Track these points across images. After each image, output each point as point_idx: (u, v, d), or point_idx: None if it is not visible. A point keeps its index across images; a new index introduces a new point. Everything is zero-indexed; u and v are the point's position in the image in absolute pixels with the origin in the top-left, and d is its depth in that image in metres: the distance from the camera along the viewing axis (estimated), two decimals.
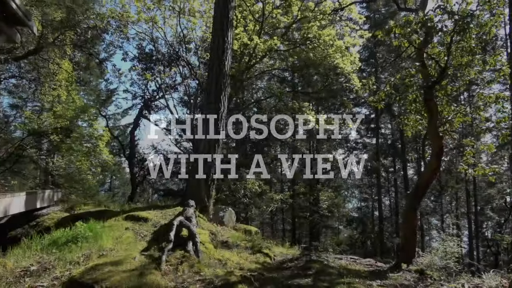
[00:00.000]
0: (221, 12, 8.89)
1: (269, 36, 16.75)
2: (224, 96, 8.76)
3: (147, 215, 8.01)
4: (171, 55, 20.95)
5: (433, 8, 6.62)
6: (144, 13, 17.42)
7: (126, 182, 36.40)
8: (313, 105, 25.96)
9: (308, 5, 15.20)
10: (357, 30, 15.57)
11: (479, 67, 7.44)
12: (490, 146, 8.34)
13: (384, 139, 30.36)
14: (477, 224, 27.03)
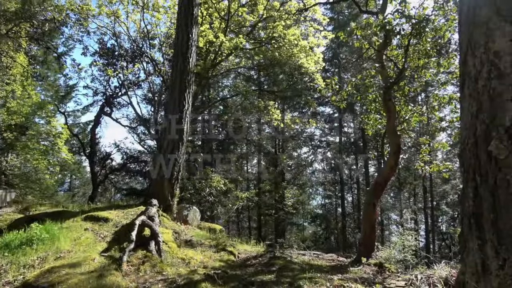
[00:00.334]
0: (185, 8, 8.76)
1: (235, 34, 16.72)
2: (188, 94, 8.65)
3: (108, 215, 7.77)
4: (134, 51, 20.40)
5: (392, 12, 6.88)
6: (106, 7, 16.85)
7: (87, 182, 35.15)
8: (279, 104, 26.22)
9: (274, 4, 15.33)
10: (321, 31, 15.89)
11: (434, 70, 7.80)
12: (444, 145, 8.80)
13: (347, 137, 31.20)
14: (433, 219, 28.42)
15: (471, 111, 2.90)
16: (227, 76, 25.59)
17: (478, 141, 2.77)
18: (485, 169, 2.69)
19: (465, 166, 2.95)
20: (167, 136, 8.79)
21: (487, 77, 2.76)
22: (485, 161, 2.68)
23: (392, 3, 7.48)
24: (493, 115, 2.66)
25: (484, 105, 2.75)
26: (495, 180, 2.58)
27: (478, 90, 2.85)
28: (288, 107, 28.86)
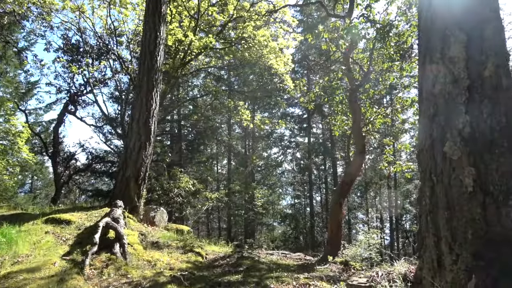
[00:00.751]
0: (153, 6, 8.61)
1: (205, 34, 16.58)
2: (156, 93, 8.49)
3: (71, 217, 7.49)
4: (100, 48, 19.79)
5: (358, 16, 7.07)
6: (70, 1, 16.24)
7: (50, 183, 33.74)
8: (249, 104, 26.28)
9: (244, 5, 15.33)
10: (291, 33, 16.07)
11: (397, 73, 8.08)
12: (407, 146, 9.13)
13: (316, 138, 31.71)
14: (397, 217, 29.41)
15: (428, 114, 3.03)
16: (197, 75, 25.33)
17: (434, 143, 2.91)
18: (440, 169, 2.82)
19: (422, 167, 3.08)
20: (133, 136, 8.59)
21: (443, 81, 2.89)
22: (441, 162, 2.81)
23: (358, 7, 7.68)
24: (448, 118, 2.79)
25: (440, 109, 2.89)
26: (449, 180, 2.72)
27: (435, 94, 2.98)
28: (258, 107, 28.98)
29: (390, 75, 8.12)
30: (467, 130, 2.66)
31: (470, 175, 2.58)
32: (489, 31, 2.83)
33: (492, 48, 2.76)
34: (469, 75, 2.74)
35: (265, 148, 32.35)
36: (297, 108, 30.41)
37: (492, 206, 2.49)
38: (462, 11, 2.91)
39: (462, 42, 2.82)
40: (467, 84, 2.72)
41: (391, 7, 7.81)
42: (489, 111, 2.62)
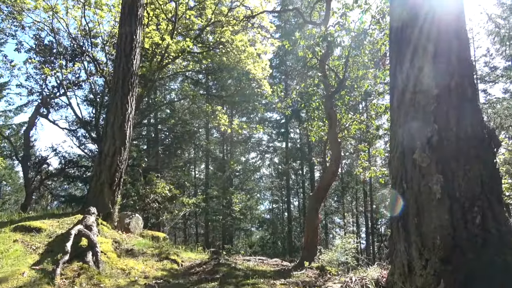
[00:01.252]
0: (129, 8, 8.49)
1: (182, 37, 16.46)
2: (131, 97, 8.35)
3: (41, 225, 7.23)
4: (74, 49, 19.31)
5: (333, 24, 7.19)
6: (43, 1, 15.80)
7: (20, 188, 32.51)
8: (227, 109, 26.24)
9: (222, 9, 15.34)
10: (269, 38, 16.17)
11: (372, 80, 8.27)
12: (381, 151, 9.33)
13: (293, 143, 31.95)
14: (372, 222, 29.94)
15: (399, 122, 3.11)
16: (175, 79, 25.12)
17: (405, 150, 2.99)
18: (410, 176, 2.89)
19: (393, 173, 3.16)
20: (108, 140, 8.40)
21: (412, 90, 2.98)
22: (411, 169, 2.89)
23: (334, 15, 7.82)
24: (418, 126, 2.88)
25: (410, 117, 2.97)
26: (419, 187, 2.79)
27: (405, 103, 3.07)
28: (236, 112, 28.98)
29: (364, 82, 8.29)
30: (435, 138, 2.74)
31: (438, 182, 2.66)
32: (455, 43, 2.94)
33: (458, 60, 2.86)
34: (437, 85, 2.83)
35: (243, 153, 32.34)
36: (275, 113, 30.60)
37: (459, 212, 2.58)
38: (430, 24, 3.01)
39: (430, 53, 2.91)
40: (435, 94, 2.81)
41: (365, 15, 7.99)
42: (456, 120, 2.71)
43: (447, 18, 2.99)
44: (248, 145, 31.33)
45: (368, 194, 29.30)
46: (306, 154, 29.04)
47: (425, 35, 3.02)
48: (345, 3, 7.52)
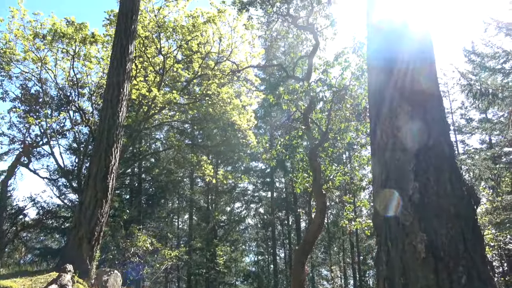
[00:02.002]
0: (118, 62, 8.70)
1: (169, 88, 16.81)
2: (116, 149, 8.30)
3: (12, 284, 6.78)
4: (61, 99, 19.44)
5: (315, 80, 7.50)
6: (33, 53, 16.11)
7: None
8: (212, 158, 26.24)
9: (209, 63, 15.89)
10: (254, 91, 16.66)
11: (353, 133, 8.48)
12: (365, 203, 9.34)
13: (279, 193, 31.78)
14: (360, 274, 29.20)
15: (381, 179, 3.15)
16: (160, 128, 25.24)
17: (388, 207, 2.99)
18: (394, 234, 2.87)
19: (378, 231, 3.14)
20: (89, 192, 8.19)
21: (392, 148, 3.06)
22: (394, 227, 2.88)
23: (316, 71, 8.16)
24: (399, 183, 2.92)
25: (391, 174, 3.02)
26: (404, 245, 2.77)
27: (386, 159, 3.13)
28: (221, 161, 28.96)
29: (347, 135, 8.50)
30: (416, 196, 2.77)
31: (422, 241, 2.65)
32: (430, 102, 3.08)
33: (434, 119, 2.99)
34: (415, 143, 2.91)
35: (228, 203, 31.88)
36: (260, 162, 30.71)
37: (444, 272, 2.54)
38: (406, 84, 3.17)
39: (408, 113, 3.03)
40: (414, 152, 2.89)
41: (346, 72, 8.37)
42: (435, 178, 2.77)
43: (421, 78, 3.16)
44: (233, 195, 30.98)
45: (355, 245, 28.85)
46: (292, 204, 28.82)
47: (401, 96, 3.16)
48: (326, 60, 7.90)
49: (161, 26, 14.78)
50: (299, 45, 15.14)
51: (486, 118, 25.00)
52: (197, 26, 14.78)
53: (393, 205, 2.93)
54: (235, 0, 13.10)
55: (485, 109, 17.92)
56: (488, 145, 25.04)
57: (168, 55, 15.58)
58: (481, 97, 10.23)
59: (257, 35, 16.29)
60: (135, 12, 8.65)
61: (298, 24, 11.79)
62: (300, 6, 11.94)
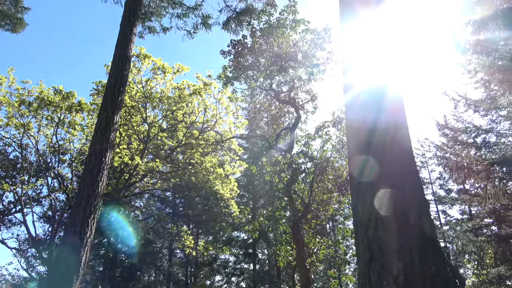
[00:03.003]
0: (102, 132, 8.73)
1: (153, 156, 16.79)
2: (92, 220, 7.96)
3: None
4: (40, 165, 19.07)
5: (297, 152, 7.66)
6: (16, 119, 16.13)
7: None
8: (193, 227, 25.45)
9: (193, 132, 16.14)
10: (237, 160, 16.79)
11: (336, 205, 8.48)
12: (350, 278, 9.03)
13: (261, 265, 30.51)
14: None
15: (365, 258, 3.08)
16: (141, 196, 24.69)
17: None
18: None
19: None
20: (59, 267, 7.67)
21: (374, 227, 3.05)
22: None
23: (298, 144, 8.37)
24: (383, 264, 2.85)
25: (375, 254, 2.96)
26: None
27: (369, 237, 3.10)
28: (202, 231, 28.07)
29: (330, 207, 8.48)
30: (401, 278, 2.71)
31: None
32: (408, 180, 3.16)
33: (413, 198, 3.04)
34: (397, 221, 2.92)
35: (208, 276, 30.23)
36: (243, 232, 29.87)
37: None
38: (383, 162, 3.27)
39: (387, 191, 3.08)
40: (395, 231, 2.88)
41: (327, 144, 8.62)
42: (419, 259, 2.73)
43: (399, 155, 3.27)
44: (213, 267, 29.55)
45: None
46: (275, 277, 27.57)
47: (379, 172, 3.23)
48: (307, 133, 8.16)
49: (148, 96, 15.21)
50: (281, 117, 15.73)
51: (464, 189, 25.56)
52: (183, 97, 15.28)
53: (378, 286, 2.84)
54: (221, 75, 13.77)
55: (462, 181, 18.42)
56: (468, 216, 25.29)
57: (153, 124, 15.84)
58: (457, 171, 10.58)
59: (241, 107, 16.91)
60: (123, 84, 8.94)
61: (281, 98, 12.36)
62: (282, 81, 12.63)
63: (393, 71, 3.78)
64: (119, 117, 9.40)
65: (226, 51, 14.56)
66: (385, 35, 3.98)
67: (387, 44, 3.92)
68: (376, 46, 3.91)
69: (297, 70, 11.59)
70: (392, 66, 3.80)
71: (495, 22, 7.39)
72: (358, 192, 3.37)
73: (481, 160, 11.37)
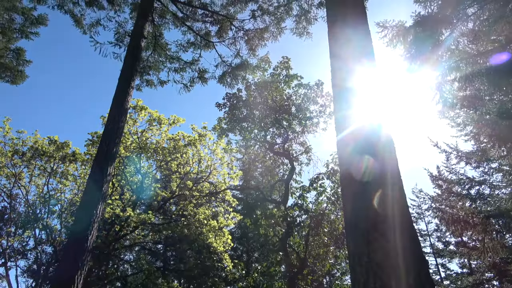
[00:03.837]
0: (94, 183, 8.63)
1: (145, 207, 16.51)
2: (79, 276, 7.59)
3: None
4: (29, 216, 18.58)
5: (292, 205, 7.58)
6: (8, 169, 16.00)
7: None
8: (184, 282, 24.35)
9: (187, 183, 16.01)
10: (231, 212, 16.51)
11: (332, 260, 8.24)
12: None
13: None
14: None
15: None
16: (131, 249, 23.86)
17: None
18: None
19: None
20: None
21: (373, 287, 2.94)
22: None
23: (292, 196, 8.32)
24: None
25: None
26: None
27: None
28: (194, 287, 26.83)
29: (326, 262, 8.24)
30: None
31: None
32: (406, 237, 3.11)
33: (411, 255, 2.97)
34: (396, 283, 2.83)
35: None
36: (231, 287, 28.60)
37: None
38: (379, 221, 3.24)
39: (385, 248, 3.02)
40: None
41: (321, 197, 8.56)
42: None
43: (395, 212, 3.25)
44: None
45: None
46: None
47: (374, 227, 3.19)
48: (302, 185, 8.14)
49: (142, 147, 15.27)
50: (276, 168, 15.77)
51: (462, 242, 25.10)
52: (178, 148, 15.36)
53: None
54: (216, 126, 13.97)
55: (459, 234, 18.17)
56: (468, 270, 24.59)
57: (147, 174, 15.75)
58: (454, 223, 10.49)
59: (236, 158, 16.96)
60: (119, 135, 8.98)
61: (275, 150, 12.48)
62: (277, 133, 12.84)
63: (384, 122, 3.86)
64: (112, 168, 9.35)
65: (221, 104, 14.93)
66: (376, 88, 4.13)
67: (377, 95, 4.05)
68: (367, 98, 4.03)
69: (291, 123, 11.85)
70: (382, 117, 3.89)
71: (480, 79, 7.73)
72: (355, 251, 3.30)
73: (476, 213, 11.31)
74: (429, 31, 7.64)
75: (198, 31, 11.69)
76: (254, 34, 11.39)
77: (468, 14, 7.95)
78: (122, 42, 11.04)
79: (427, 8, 7.69)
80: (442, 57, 8.55)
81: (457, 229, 10.69)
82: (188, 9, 11.60)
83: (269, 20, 11.28)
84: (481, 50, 8.65)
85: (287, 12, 11.12)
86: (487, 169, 15.07)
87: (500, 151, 10.76)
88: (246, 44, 11.44)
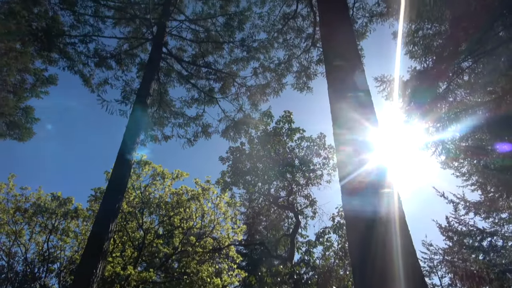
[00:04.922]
0: (95, 239, 8.45)
1: (146, 263, 15.98)
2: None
3: None
4: (26, 275, 17.98)
5: (299, 262, 7.32)
6: (9, 226, 15.77)
7: None
8: None
9: (190, 238, 15.63)
10: (235, 269, 15.93)
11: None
12: None
13: None
14: None
15: None
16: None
17: None
18: None
19: None
20: None
21: None
22: None
23: (298, 251, 8.06)
24: None
25: None
26: None
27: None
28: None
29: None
30: None
31: None
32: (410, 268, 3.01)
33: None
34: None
35: None
36: None
37: None
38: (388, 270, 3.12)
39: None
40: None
41: (328, 252, 8.29)
42: None
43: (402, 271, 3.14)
44: None
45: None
46: None
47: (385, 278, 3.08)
48: (308, 239, 7.92)
49: (145, 202, 15.13)
50: (280, 221, 15.46)
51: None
52: (181, 202, 15.20)
53: None
54: (219, 180, 13.93)
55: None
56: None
57: (149, 230, 15.44)
58: (468, 280, 10.01)
59: (240, 211, 16.72)
60: (122, 191, 8.96)
61: (279, 203, 12.32)
62: (280, 186, 12.75)
63: (387, 167, 3.85)
64: (114, 224, 9.21)
65: (224, 157, 15.02)
66: (377, 138, 4.16)
67: (379, 144, 4.07)
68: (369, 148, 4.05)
69: (295, 175, 11.82)
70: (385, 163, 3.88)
71: (481, 131, 7.81)
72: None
73: (491, 266, 10.82)
74: (426, 85, 7.85)
75: (202, 88, 12.09)
76: (256, 90, 11.76)
77: (463, 67, 8.21)
78: (128, 99, 11.40)
79: (423, 64, 7.97)
80: (441, 108, 8.70)
81: (472, 285, 10.16)
82: (193, 68, 12.10)
83: (270, 77, 11.70)
84: (479, 101, 8.81)
85: (288, 69, 11.56)
86: (497, 220, 14.68)
87: (509, 201, 10.55)
88: (248, 99, 11.77)
